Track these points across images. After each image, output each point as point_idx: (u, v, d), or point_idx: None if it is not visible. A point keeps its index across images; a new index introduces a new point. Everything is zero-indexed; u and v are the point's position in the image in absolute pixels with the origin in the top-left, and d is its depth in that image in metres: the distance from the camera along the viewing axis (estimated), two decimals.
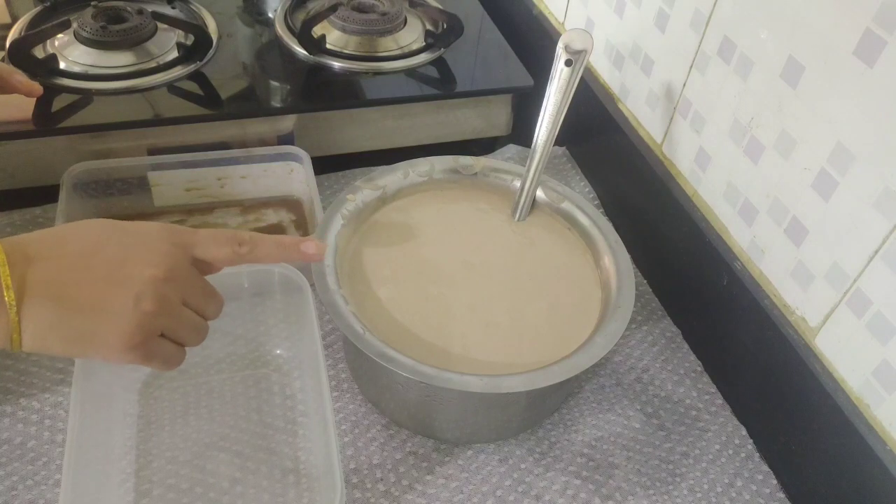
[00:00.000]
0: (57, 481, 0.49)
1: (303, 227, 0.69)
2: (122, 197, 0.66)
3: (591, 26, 0.75)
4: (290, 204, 0.71)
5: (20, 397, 0.54)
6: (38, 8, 0.76)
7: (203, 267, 0.43)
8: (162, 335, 0.41)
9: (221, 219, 0.69)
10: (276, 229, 0.68)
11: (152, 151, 0.69)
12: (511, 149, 0.79)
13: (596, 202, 0.75)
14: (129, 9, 0.75)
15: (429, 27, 0.83)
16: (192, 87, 0.71)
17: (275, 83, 0.74)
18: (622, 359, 0.62)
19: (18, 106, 0.64)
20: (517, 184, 0.62)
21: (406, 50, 0.79)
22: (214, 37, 0.77)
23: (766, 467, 0.56)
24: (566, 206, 0.61)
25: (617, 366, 0.61)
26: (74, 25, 0.72)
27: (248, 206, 0.70)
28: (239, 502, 0.50)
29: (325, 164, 0.73)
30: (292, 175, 0.69)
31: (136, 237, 0.40)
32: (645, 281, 0.68)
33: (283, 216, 0.70)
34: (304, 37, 0.75)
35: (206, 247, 0.42)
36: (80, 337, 0.38)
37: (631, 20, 0.68)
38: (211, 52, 0.74)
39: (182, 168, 0.66)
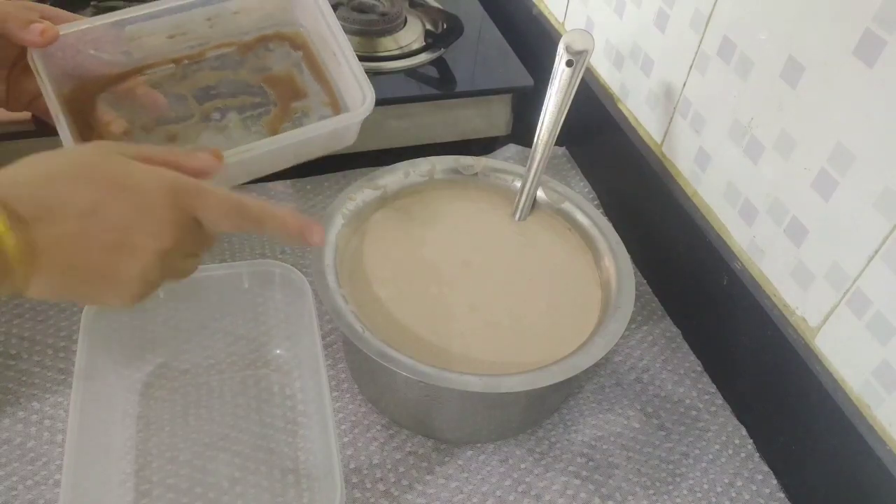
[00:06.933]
0: (57, 481, 0.49)
1: (316, 68, 0.58)
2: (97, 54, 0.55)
3: (590, 26, 0.75)
4: (292, 38, 0.59)
5: (20, 397, 0.54)
6: None
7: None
8: None
9: (218, 68, 0.57)
10: (286, 82, 0.57)
11: None
12: (511, 149, 0.79)
13: (596, 202, 0.75)
14: None
15: (429, 27, 0.83)
16: None
17: None
18: (622, 359, 0.62)
19: None
20: (518, 184, 0.62)
21: (406, 50, 0.79)
22: None
23: (766, 467, 0.56)
24: (566, 206, 0.61)
25: (617, 366, 0.61)
26: None
27: (246, 45, 0.58)
28: (239, 502, 0.50)
29: (326, 164, 0.73)
30: (293, 2, 0.58)
31: (138, 198, 0.38)
32: (645, 281, 0.68)
33: (290, 56, 0.58)
34: None
35: (210, 214, 0.41)
36: (85, 297, 0.40)
37: (631, 20, 0.68)
38: None
39: (164, 16, 0.55)
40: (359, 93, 0.53)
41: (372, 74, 0.76)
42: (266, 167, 0.55)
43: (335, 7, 0.79)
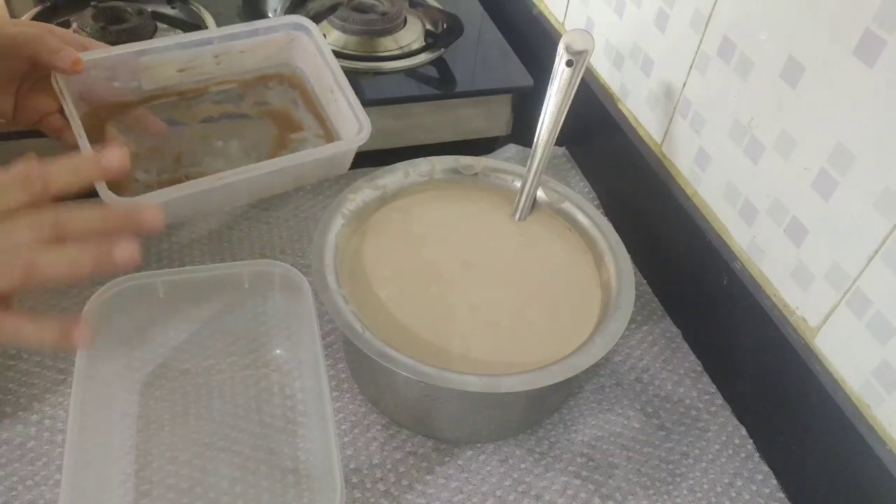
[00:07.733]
0: (57, 481, 0.49)
1: (311, 105, 0.62)
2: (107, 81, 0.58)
3: (590, 26, 0.75)
4: (290, 79, 0.63)
5: (20, 397, 0.54)
6: (38, 8, 0.76)
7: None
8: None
9: (220, 102, 0.61)
10: (283, 116, 0.61)
11: None
12: (511, 149, 0.79)
13: (596, 202, 0.75)
14: (128, 9, 0.75)
15: (429, 27, 0.83)
16: None
17: None
18: (622, 359, 0.62)
19: None
20: (518, 184, 0.62)
21: (406, 50, 0.79)
22: None
23: (766, 467, 0.56)
24: (567, 206, 0.61)
25: (617, 366, 0.61)
26: (74, 26, 0.72)
27: (246, 83, 0.62)
28: (239, 502, 0.50)
29: None
30: (292, 45, 0.62)
31: None
32: (645, 281, 0.68)
33: (288, 93, 0.62)
34: None
35: None
36: None
37: (631, 20, 0.68)
38: None
39: (178, 50, 0.59)
40: (355, 124, 0.57)
41: (372, 74, 0.76)
42: (264, 190, 0.58)
43: (334, 7, 0.79)
